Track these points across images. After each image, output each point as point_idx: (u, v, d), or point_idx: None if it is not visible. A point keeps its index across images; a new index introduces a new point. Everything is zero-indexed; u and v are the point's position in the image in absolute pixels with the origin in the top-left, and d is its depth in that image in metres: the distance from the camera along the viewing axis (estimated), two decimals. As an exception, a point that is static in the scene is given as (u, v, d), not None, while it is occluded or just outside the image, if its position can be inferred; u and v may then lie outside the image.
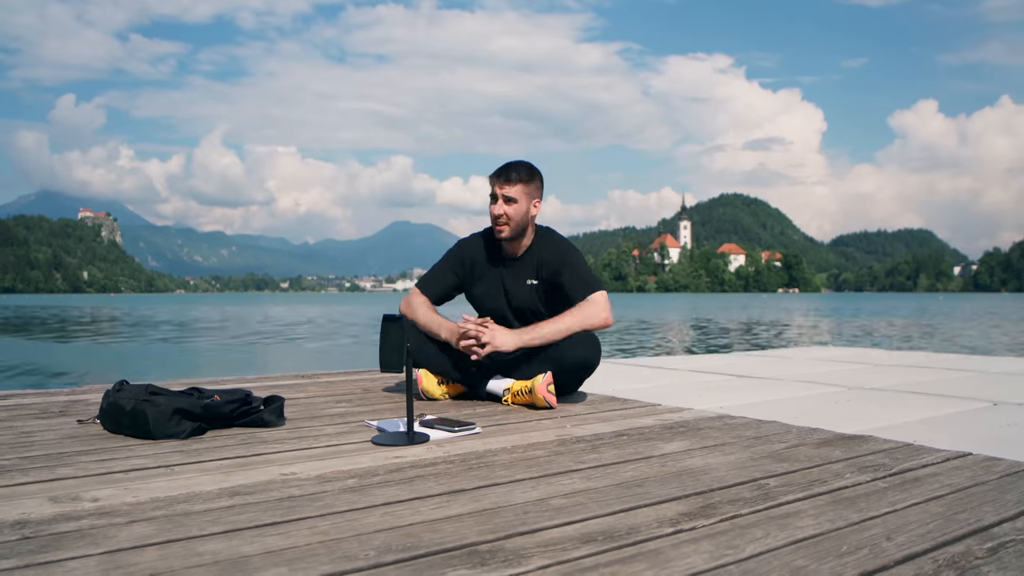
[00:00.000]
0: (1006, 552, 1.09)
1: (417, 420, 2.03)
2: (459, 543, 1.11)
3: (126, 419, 1.88)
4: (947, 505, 1.33)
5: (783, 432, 2.01)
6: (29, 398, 2.55)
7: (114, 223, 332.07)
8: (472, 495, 1.37)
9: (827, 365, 3.96)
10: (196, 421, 1.92)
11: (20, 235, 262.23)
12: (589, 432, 2.01)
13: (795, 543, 1.12)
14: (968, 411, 2.45)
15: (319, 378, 3.20)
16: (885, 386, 3.06)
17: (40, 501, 1.31)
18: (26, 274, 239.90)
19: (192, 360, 10.76)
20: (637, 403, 2.53)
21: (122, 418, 1.89)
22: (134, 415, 1.87)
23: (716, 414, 2.31)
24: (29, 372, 8.86)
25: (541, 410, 2.36)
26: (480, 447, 1.80)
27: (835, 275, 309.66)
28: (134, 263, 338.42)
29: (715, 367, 3.85)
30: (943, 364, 4.01)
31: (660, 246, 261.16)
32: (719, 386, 3.09)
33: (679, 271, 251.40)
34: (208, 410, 1.95)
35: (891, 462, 1.66)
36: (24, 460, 1.62)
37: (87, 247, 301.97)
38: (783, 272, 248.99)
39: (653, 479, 1.50)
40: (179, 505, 1.29)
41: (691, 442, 1.88)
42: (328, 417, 2.21)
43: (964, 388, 3.01)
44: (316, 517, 1.23)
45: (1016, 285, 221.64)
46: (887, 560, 1.05)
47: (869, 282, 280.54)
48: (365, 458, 1.67)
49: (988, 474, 1.55)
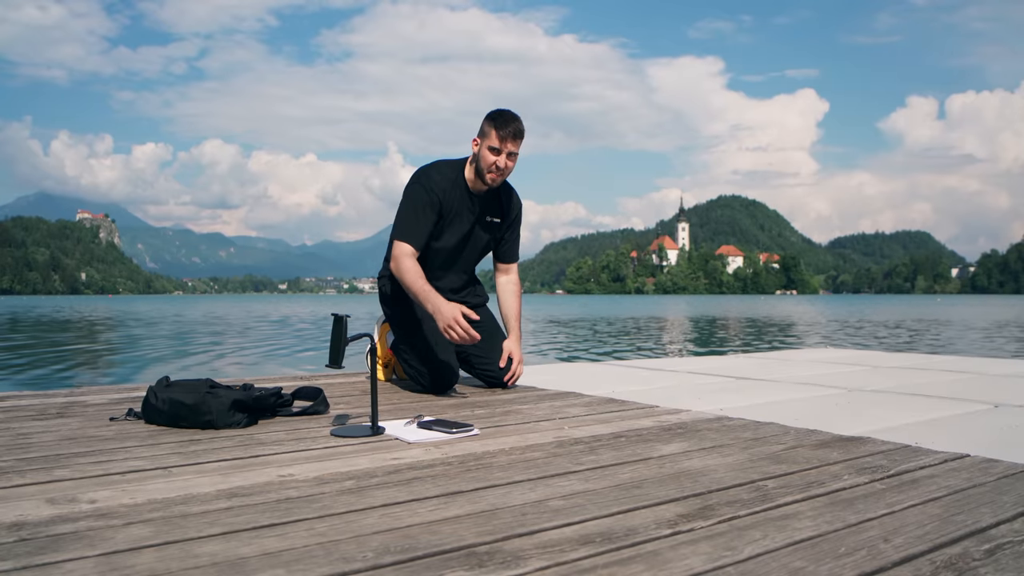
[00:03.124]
0: (1003, 554, 1.10)
1: (415, 421, 2.04)
2: (457, 545, 1.11)
3: (186, 411, 2.01)
4: (945, 507, 1.33)
5: (781, 434, 2.01)
6: (27, 399, 2.55)
7: (112, 224, 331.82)
8: (470, 497, 1.37)
9: (826, 367, 3.96)
10: (247, 412, 2.08)
11: (18, 236, 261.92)
12: (587, 434, 2.01)
13: (793, 544, 1.12)
14: (968, 413, 2.45)
15: (316, 380, 3.19)
16: (884, 388, 3.06)
17: (37, 503, 1.31)
18: (24, 275, 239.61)
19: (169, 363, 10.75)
20: (635, 405, 2.53)
21: (181, 411, 2.01)
22: (197, 408, 2.00)
23: (714, 416, 2.31)
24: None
25: (539, 412, 2.36)
26: (478, 449, 1.80)
27: (833, 277, 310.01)
28: (132, 264, 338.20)
29: (713, 369, 3.85)
30: (943, 366, 4.02)
31: (658, 248, 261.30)
32: (717, 388, 3.09)
33: (677, 273, 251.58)
34: (257, 402, 2.13)
35: (889, 464, 1.66)
36: (21, 462, 1.62)
37: (85, 248, 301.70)
38: (781, 274, 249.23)
39: (651, 481, 1.50)
40: (177, 507, 1.29)
41: (689, 444, 1.88)
42: (326, 418, 2.21)
43: (964, 390, 3.01)
44: (314, 519, 1.23)
45: (1014, 287, 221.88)
46: (885, 562, 1.05)
47: (867, 284, 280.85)
48: (363, 460, 1.67)
49: (986, 476, 1.55)
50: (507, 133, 2.64)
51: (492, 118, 2.68)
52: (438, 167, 2.77)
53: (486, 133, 2.67)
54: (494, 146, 2.65)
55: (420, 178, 2.72)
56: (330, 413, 2.29)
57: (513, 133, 2.65)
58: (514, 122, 2.66)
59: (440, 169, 2.76)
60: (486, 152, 2.66)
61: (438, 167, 2.77)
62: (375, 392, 2.00)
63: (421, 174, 2.74)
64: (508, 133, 2.65)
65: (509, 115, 2.68)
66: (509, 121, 2.66)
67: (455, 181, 2.73)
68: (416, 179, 2.73)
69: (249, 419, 2.08)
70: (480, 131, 2.71)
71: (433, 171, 2.75)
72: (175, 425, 2.02)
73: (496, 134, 2.65)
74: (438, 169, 2.76)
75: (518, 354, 2.86)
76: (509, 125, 2.65)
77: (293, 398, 2.31)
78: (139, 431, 1.98)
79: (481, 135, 2.70)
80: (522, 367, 2.89)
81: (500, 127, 2.65)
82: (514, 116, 2.68)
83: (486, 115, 2.73)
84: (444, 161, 2.83)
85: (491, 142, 2.65)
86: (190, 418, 2.01)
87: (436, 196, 2.69)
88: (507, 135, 2.65)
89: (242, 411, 2.07)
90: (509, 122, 2.66)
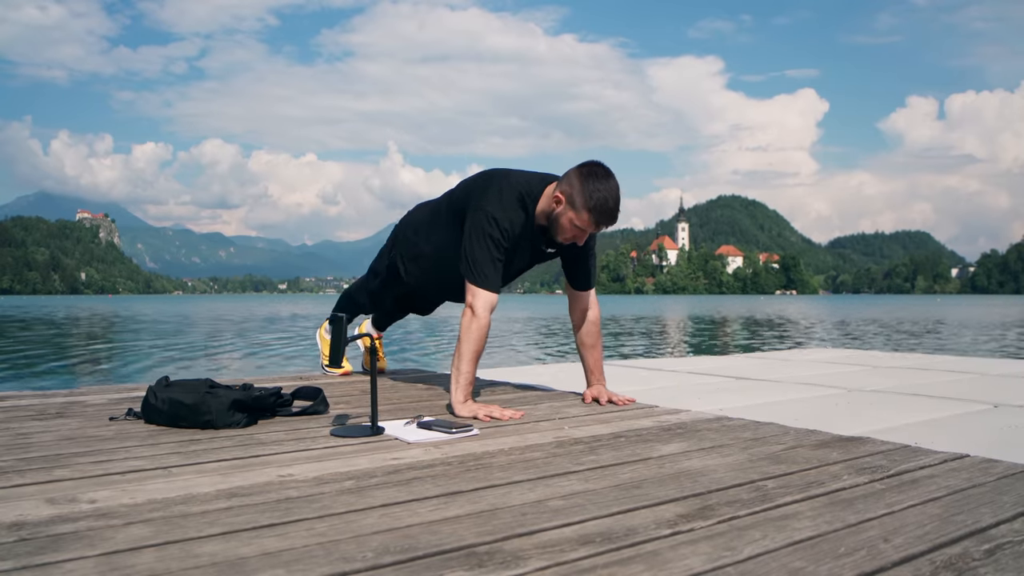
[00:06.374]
0: (1003, 554, 1.10)
1: (415, 421, 2.04)
2: (457, 545, 1.11)
3: (185, 411, 2.00)
4: (944, 507, 1.33)
5: (781, 434, 2.01)
6: (26, 399, 2.55)
7: (112, 224, 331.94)
8: (470, 497, 1.37)
9: (826, 367, 3.96)
10: (247, 412, 2.07)
11: (18, 236, 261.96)
12: (587, 434, 2.01)
13: (793, 544, 1.12)
14: (968, 413, 2.45)
15: (316, 380, 3.19)
16: (884, 388, 3.06)
17: (37, 503, 1.31)
18: (24, 275, 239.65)
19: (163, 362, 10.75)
20: (635, 405, 2.53)
21: (181, 411, 2.01)
22: (196, 408, 2.00)
23: (714, 416, 2.31)
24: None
25: (539, 412, 2.36)
26: (478, 449, 1.80)
27: (833, 277, 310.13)
28: (132, 264, 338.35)
29: (713, 369, 3.85)
30: (943, 366, 4.01)
31: (658, 248, 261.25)
32: (717, 388, 3.09)
33: (677, 273, 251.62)
34: (257, 402, 2.12)
35: (889, 464, 1.66)
36: (21, 462, 1.62)
37: (85, 248, 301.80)
38: (781, 274, 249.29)
39: (651, 481, 1.50)
40: (177, 507, 1.29)
41: (689, 444, 1.88)
42: (326, 418, 2.21)
43: (964, 390, 3.01)
44: (314, 519, 1.23)
45: (1014, 287, 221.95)
46: (884, 562, 1.05)
47: (867, 284, 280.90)
48: (363, 460, 1.67)
49: (986, 476, 1.55)
50: (603, 225, 2.32)
51: (594, 209, 2.26)
52: (509, 206, 2.38)
53: (578, 208, 2.28)
54: (581, 227, 2.31)
55: (497, 220, 2.34)
56: (330, 413, 2.29)
57: (610, 220, 2.31)
58: (615, 217, 2.31)
59: (512, 209, 2.39)
60: (569, 223, 2.32)
61: (509, 206, 2.38)
62: (375, 392, 2.00)
63: (497, 214, 2.35)
64: (604, 225, 2.32)
65: (613, 208, 2.28)
66: (611, 217, 2.30)
67: (524, 224, 2.41)
68: (492, 220, 2.34)
69: (249, 419, 2.08)
70: (570, 197, 2.29)
71: (507, 212, 2.37)
72: (175, 425, 2.02)
73: (591, 220, 2.29)
74: (510, 209, 2.38)
75: (606, 395, 2.55)
76: (610, 221, 2.31)
77: (293, 398, 2.31)
78: (139, 431, 1.98)
79: (570, 202, 2.29)
80: (624, 397, 2.58)
81: (599, 219, 2.29)
82: (616, 208, 2.30)
83: (584, 182, 2.27)
84: (513, 192, 2.39)
85: (581, 222, 2.30)
86: (190, 418, 2.00)
87: (509, 244, 2.39)
88: (603, 226, 2.33)
89: (242, 411, 2.07)
90: (611, 218, 2.30)
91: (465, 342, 2.29)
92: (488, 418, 2.19)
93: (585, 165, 2.34)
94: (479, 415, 2.20)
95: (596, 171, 2.30)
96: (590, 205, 2.26)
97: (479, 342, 2.31)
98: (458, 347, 2.31)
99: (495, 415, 2.20)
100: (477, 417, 2.20)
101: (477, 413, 2.21)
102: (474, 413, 2.21)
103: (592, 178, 2.28)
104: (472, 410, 2.23)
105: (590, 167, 2.32)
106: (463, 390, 2.28)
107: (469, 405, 2.25)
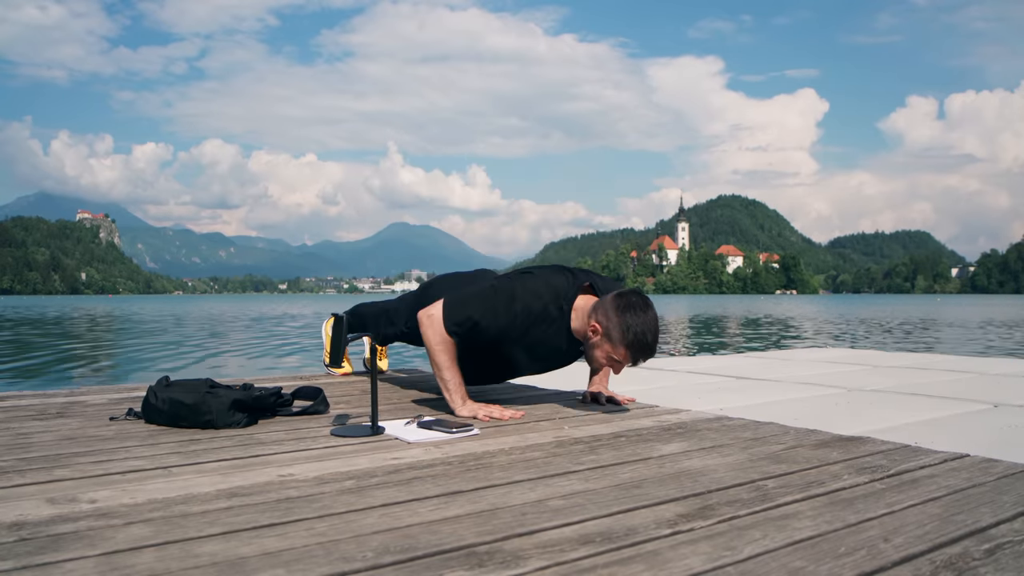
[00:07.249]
0: (1003, 554, 1.10)
1: (415, 420, 2.04)
2: (457, 544, 1.11)
3: (186, 411, 2.01)
4: (944, 507, 1.33)
5: (781, 433, 2.01)
6: (27, 399, 2.55)
7: (112, 224, 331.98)
8: (470, 496, 1.37)
9: (826, 367, 3.96)
10: (247, 412, 2.08)
11: (18, 236, 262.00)
12: (587, 433, 2.01)
13: (793, 544, 1.12)
14: (968, 413, 2.45)
15: (317, 380, 3.19)
16: (884, 387, 3.06)
17: (38, 502, 1.31)
18: (24, 275, 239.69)
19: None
20: (635, 404, 2.53)
21: (181, 411, 2.01)
22: (197, 407, 2.00)
23: (714, 415, 2.31)
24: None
25: (539, 411, 2.36)
26: (478, 448, 1.80)
27: (833, 277, 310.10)
28: (132, 264, 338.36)
29: (713, 368, 3.85)
30: (943, 365, 4.01)
31: (658, 248, 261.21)
32: (717, 388, 3.09)
33: (677, 273, 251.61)
34: (257, 402, 2.13)
35: (889, 463, 1.66)
36: (21, 461, 1.62)
37: (85, 248, 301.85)
38: (781, 274, 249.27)
39: (651, 480, 1.50)
40: (177, 506, 1.29)
41: (689, 443, 1.88)
42: (326, 418, 2.21)
43: (964, 390, 3.01)
44: (314, 518, 1.23)
45: (1014, 287, 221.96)
46: (885, 561, 1.05)
47: (867, 284, 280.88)
48: (363, 459, 1.67)
49: (986, 475, 1.55)
50: (641, 360, 2.23)
51: (631, 345, 2.16)
52: (549, 321, 2.30)
53: (615, 343, 2.18)
54: (619, 360, 2.22)
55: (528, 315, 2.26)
56: (330, 413, 2.29)
57: (646, 359, 2.24)
58: (653, 352, 2.22)
59: (549, 324, 2.30)
60: (605, 356, 2.24)
61: (549, 321, 2.30)
62: (375, 392, 2.00)
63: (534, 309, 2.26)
64: (643, 360, 2.24)
65: (651, 344, 2.19)
66: (649, 352, 2.21)
67: (556, 334, 2.32)
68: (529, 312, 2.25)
69: (249, 419, 2.09)
70: (607, 330, 2.18)
71: (540, 325, 2.30)
72: (175, 425, 2.02)
73: (628, 356, 2.20)
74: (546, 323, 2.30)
75: (606, 395, 2.55)
76: (647, 356, 2.22)
77: (293, 398, 2.31)
78: (139, 431, 1.98)
79: (607, 335, 2.19)
80: (625, 396, 2.60)
81: (636, 355, 2.20)
82: (655, 343, 2.20)
83: (622, 316, 2.16)
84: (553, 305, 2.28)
85: (619, 356, 2.21)
86: (190, 418, 2.01)
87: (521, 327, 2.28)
88: (640, 361, 2.24)
89: (242, 411, 2.07)
90: (649, 353, 2.21)
91: (437, 353, 2.24)
92: (488, 418, 2.20)
93: (623, 296, 2.20)
94: (479, 415, 2.21)
95: (634, 303, 2.18)
96: (627, 341, 2.16)
97: (448, 345, 2.24)
98: (432, 359, 2.27)
99: (495, 415, 2.21)
100: (477, 417, 2.21)
101: (477, 413, 2.22)
102: (474, 413, 2.23)
103: (630, 311, 2.16)
104: (472, 410, 2.24)
105: (627, 298, 2.19)
106: (457, 393, 2.26)
107: (469, 405, 2.26)
